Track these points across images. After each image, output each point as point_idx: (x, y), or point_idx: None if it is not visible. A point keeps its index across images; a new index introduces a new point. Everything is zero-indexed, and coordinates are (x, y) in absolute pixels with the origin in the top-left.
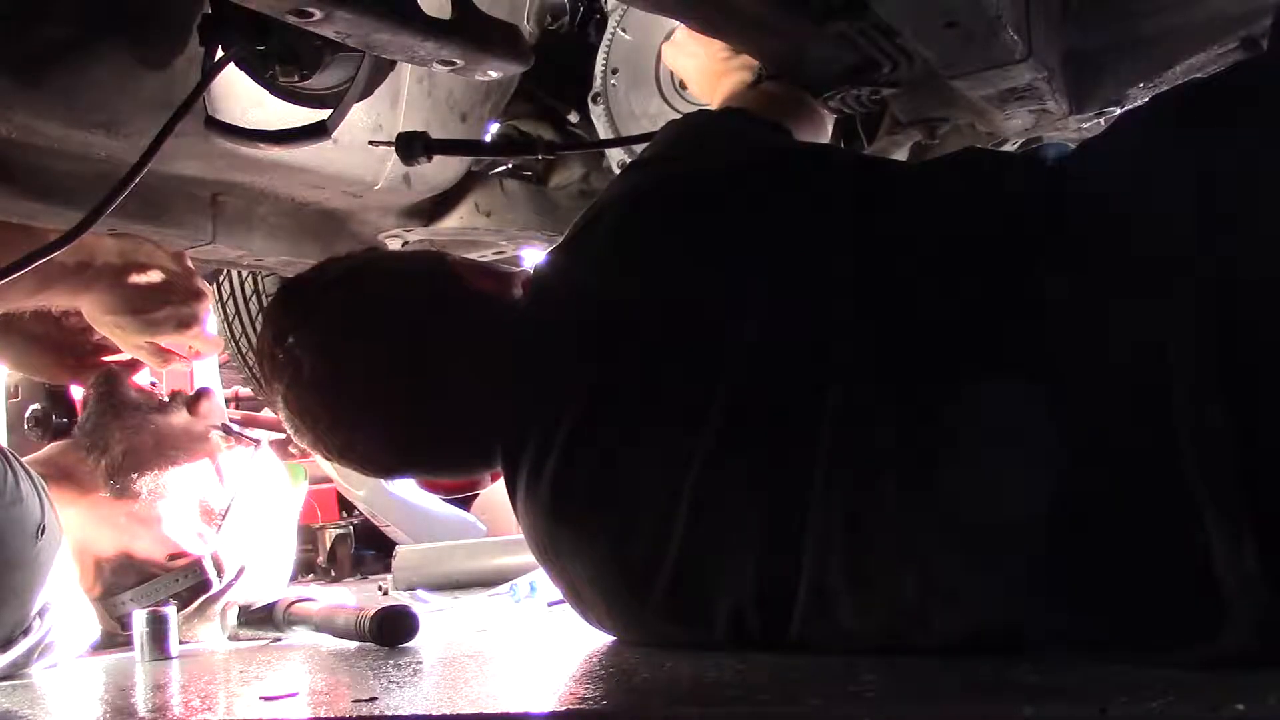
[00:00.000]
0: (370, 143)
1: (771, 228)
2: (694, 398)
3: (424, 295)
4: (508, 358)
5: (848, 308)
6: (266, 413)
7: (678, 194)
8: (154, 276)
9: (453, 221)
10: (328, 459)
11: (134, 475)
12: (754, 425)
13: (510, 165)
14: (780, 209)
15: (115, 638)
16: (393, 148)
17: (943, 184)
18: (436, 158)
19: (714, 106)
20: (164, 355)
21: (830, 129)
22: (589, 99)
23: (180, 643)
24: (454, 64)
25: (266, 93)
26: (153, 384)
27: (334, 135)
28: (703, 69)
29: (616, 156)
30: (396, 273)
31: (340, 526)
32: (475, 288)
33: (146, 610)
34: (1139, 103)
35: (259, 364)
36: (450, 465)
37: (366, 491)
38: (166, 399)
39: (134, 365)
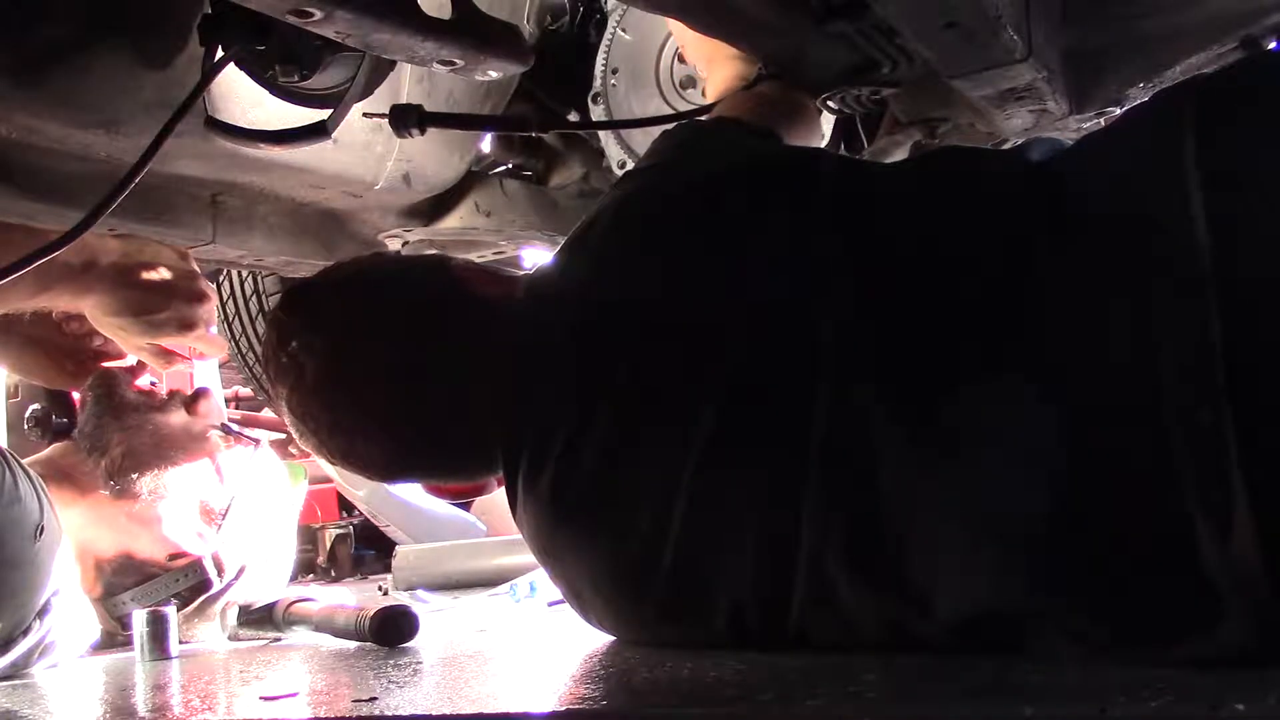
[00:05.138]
0: (365, 114)
1: (766, 230)
2: (689, 397)
3: (426, 300)
4: (508, 361)
5: (846, 308)
6: (266, 413)
7: (673, 198)
8: (157, 277)
9: (453, 221)
10: (331, 463)
11: (133, 476)
12: (748, 424)
13: (510, 165)
14: (774, 212)
15: (115, 638)
16: (386, 123)
17: (939, 185)
18: (437, 157)
19: (710, 99)
20: (167, 357)
21: (828, 130)
22: (589, 99)
23: (180, 643)
24: (454, 64)
25: (266, 93)
26: (152, 384)
27: (334, 135)
28: (703, 48)
29: (616, 157)
30: (399, 277)
31: (340, 526)
32: (477, 292)
33: (147, 610)
34: (1139, 102)
35: (264, 368)
36: (451, 469)
37: (367, 492)
38: (164, 399)
39: (136, 370)
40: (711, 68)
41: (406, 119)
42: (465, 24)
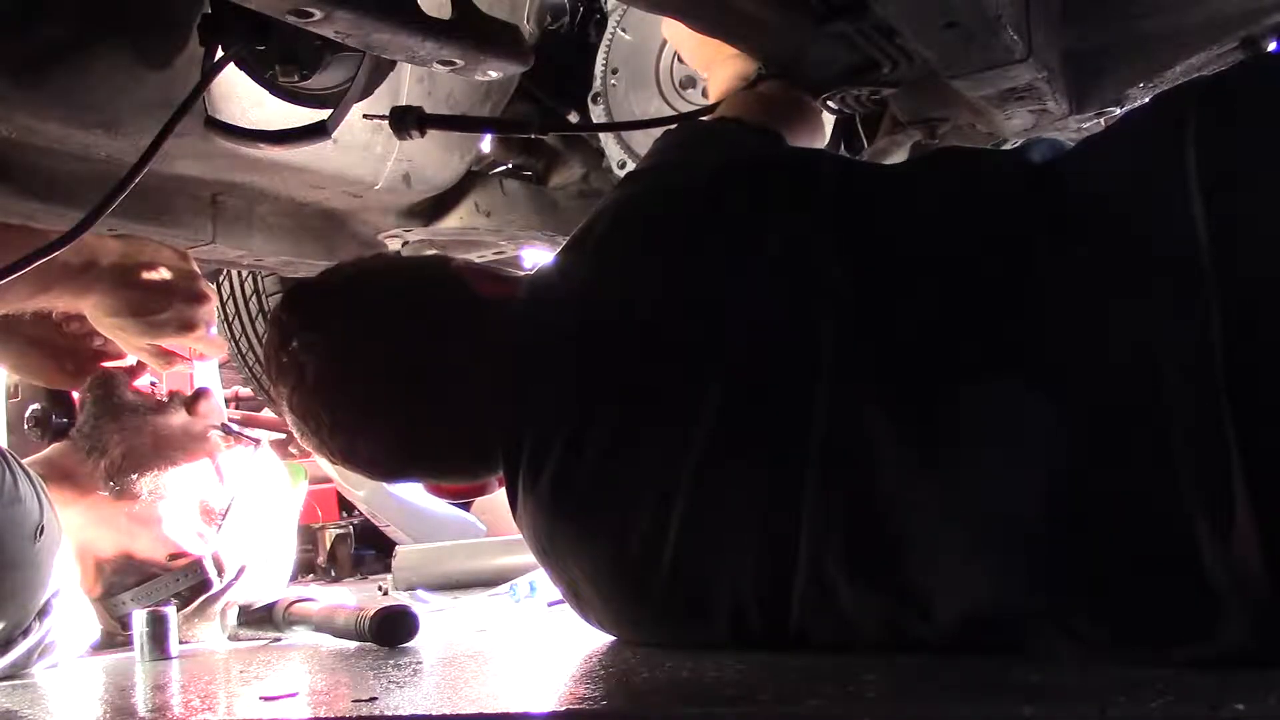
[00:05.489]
0: (364, 116)
1: (766, 230)
2: (688, 397)
3: (426, 300)
4: (509, 361)
5: (846, 308)
6: (266, 412)
7: (674, 198)
8: (157, 278)
9: (453, 221)
10: (332, 463)
11: (133, 476)
12: (749, 424)
13: (510, 165)
14: (775, 212)
15: (115, 638)
16: (387, 123)
17: (939, 185)
18: (436, 157)
19: (712, 99)
20: (167, 357)
21: (829, 130)
22: (589, 99)
23: (180, 643)
24: (454, 64)
25: (266, 93)
26: (153, 384)
27: (334, 135)
28: (702, 50)
29: (616, 157)
30: (400, 277)
31: (340, 526)
32: (478, 292)
33: (146, 610)
34: (1139, 103)
35: (265, 368)
36: (453, 469)
37: (367, 492)
38: (165, 399)
39: (135, 371)
40: (712, 69)
41: (407, 121)
42: (465, 24)
